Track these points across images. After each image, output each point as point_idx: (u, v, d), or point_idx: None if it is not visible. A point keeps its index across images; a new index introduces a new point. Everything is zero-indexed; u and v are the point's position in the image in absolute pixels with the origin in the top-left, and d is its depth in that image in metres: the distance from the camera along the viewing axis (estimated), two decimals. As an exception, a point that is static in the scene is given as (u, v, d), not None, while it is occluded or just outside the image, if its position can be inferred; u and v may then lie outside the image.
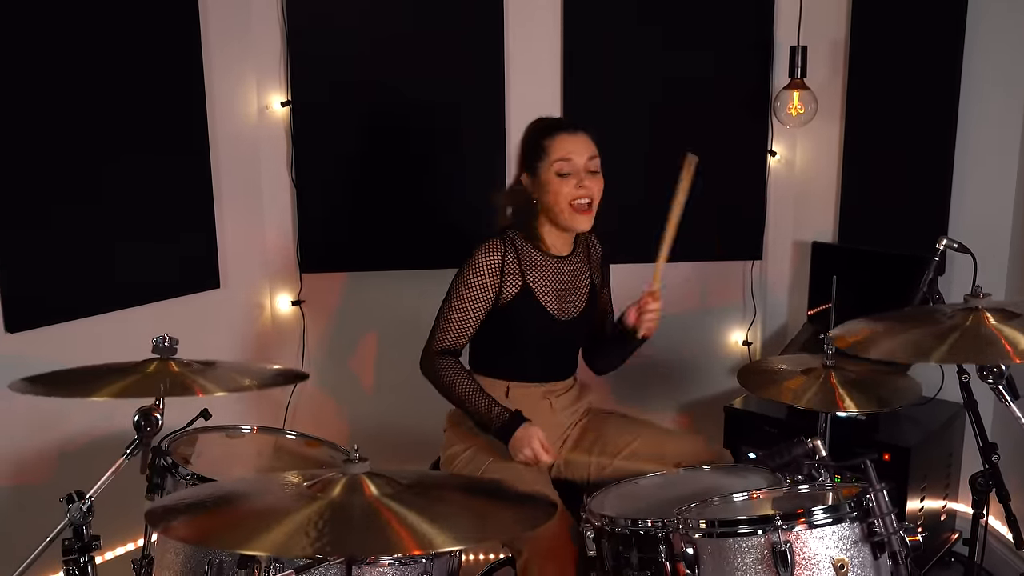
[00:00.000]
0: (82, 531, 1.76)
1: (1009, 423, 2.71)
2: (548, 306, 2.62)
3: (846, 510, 1.84)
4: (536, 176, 2.59)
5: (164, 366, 1.98)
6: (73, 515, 1.73)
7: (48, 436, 3.00)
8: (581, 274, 2.71)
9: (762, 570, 1.81)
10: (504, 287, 2.59)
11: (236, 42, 3.30)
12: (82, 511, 1.73)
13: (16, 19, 2.77)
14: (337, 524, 1.56)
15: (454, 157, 3.49)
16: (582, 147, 2.57)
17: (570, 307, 2.67)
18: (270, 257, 3.50)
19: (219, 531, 1.54)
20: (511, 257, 2.59)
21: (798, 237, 3.68)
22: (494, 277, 2.57)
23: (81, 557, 1.77)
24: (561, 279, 2.66)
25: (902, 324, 2.08)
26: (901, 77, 3.35)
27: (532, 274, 2.61)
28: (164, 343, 1.97)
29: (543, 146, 2.58)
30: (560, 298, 2.65)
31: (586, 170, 2.57)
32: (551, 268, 2.65)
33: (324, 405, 3.56)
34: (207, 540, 1.57)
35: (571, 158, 2.55)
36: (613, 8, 3.47)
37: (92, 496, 1.77)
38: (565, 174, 2.55)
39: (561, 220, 2.60)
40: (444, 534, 1.55)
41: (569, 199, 2.56)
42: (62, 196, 2.93)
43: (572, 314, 2.67)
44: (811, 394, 2.29)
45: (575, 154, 2.56)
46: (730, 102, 3.55)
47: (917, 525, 2.39)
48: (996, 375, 1.93)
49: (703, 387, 3.77)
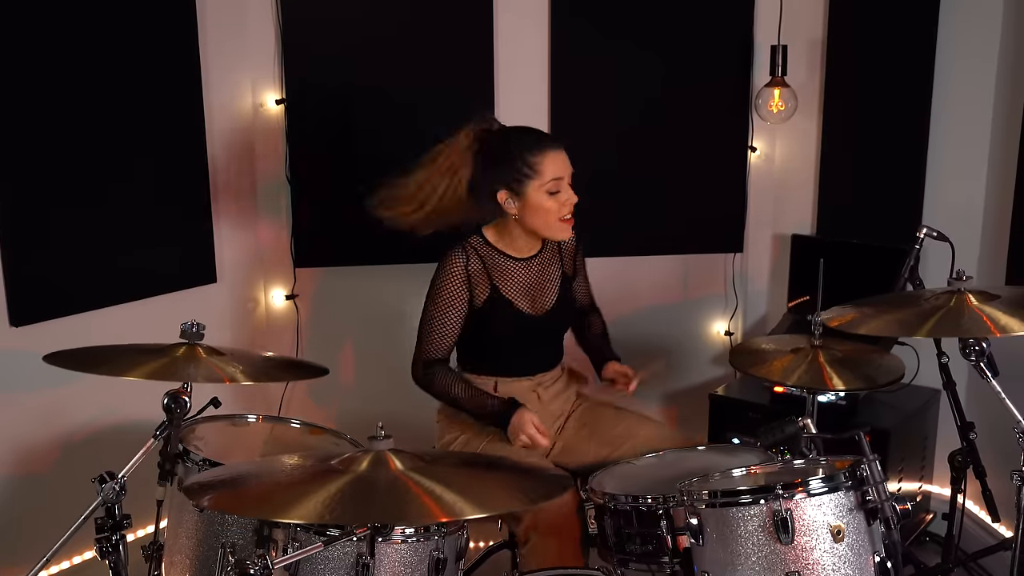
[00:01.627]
0: (114, 510, 1.82)
1: (983, 405, 2.85)
2: (520, 306, 2.68)
3: (841, 479, 1.94)
4: (522, 195, 2.58)
5: (192, 351, 2.04)
6: (107, 494, 1.79)
7: (52, 428, 3.05)
8: (549, 268, 2.76)
9: (764, 537, 1.91)
10: (474, 293, 2.64)
11: (232, 41, 3.35)
12: (115, 490, 1.79)
13: (20, 21, 2.82)
14: (365, 495, 1.65)
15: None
16: (566, 162, 2.60)
17: (542, 303, 2.72)
18: (265, 252, 3.56)
19: (255, 502, 1.62)
20: (475, 265, 2.64)
21: (778, 230, 3.79)
22: (461, 286, 2.62)
23: (113, 535, 1.83)
24: (529, 278, 2.71)
25: (888, 306, 2.20)
26: (876, 75, 3.45)
27: (499, 278, 2.67)
28: (192, 328, 2.04)
29: (532, 165, 2.56)
30: (531, 296, 2.71)
31: (568, 184, 2.61)
32: (518, 270, 2.70)
33: (316, 397, 3.61)
34: (245, 510, 1.65)
35: (563, 176, 2.58)
36: (599, 11, 3.56)
37: (124, 476, 1.83)
38: (555, 192, 2.58)
39: (547, 233, 2.65)
40: (470, 503, 1.64)
41: (559, 216, 2.60)
42: (63, 193, 2.97)
43: (545, 308, 2.72)
44: (800, 372, 2.39)
45: (564, 172, 2.59)
46: (712, 100, 3.65)
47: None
48: (978, 353, 2.04)
49: (687, 376, 3.87)
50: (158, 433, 1.90)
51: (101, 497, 1.80)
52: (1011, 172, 3.10)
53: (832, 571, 1.90)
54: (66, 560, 3.09)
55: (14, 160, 2.84)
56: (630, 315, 3.62)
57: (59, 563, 3.08)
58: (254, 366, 2.12)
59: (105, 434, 3.13)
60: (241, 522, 2.29)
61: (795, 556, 1.90)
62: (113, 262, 3.11)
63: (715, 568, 1.96)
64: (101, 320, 3.05)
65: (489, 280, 2.65)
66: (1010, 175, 3.11)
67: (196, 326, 2.05)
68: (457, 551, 2.17)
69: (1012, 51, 3.15)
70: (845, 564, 1.91)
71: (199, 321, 2.14)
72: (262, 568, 1.65)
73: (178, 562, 2.41)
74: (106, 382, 2.99)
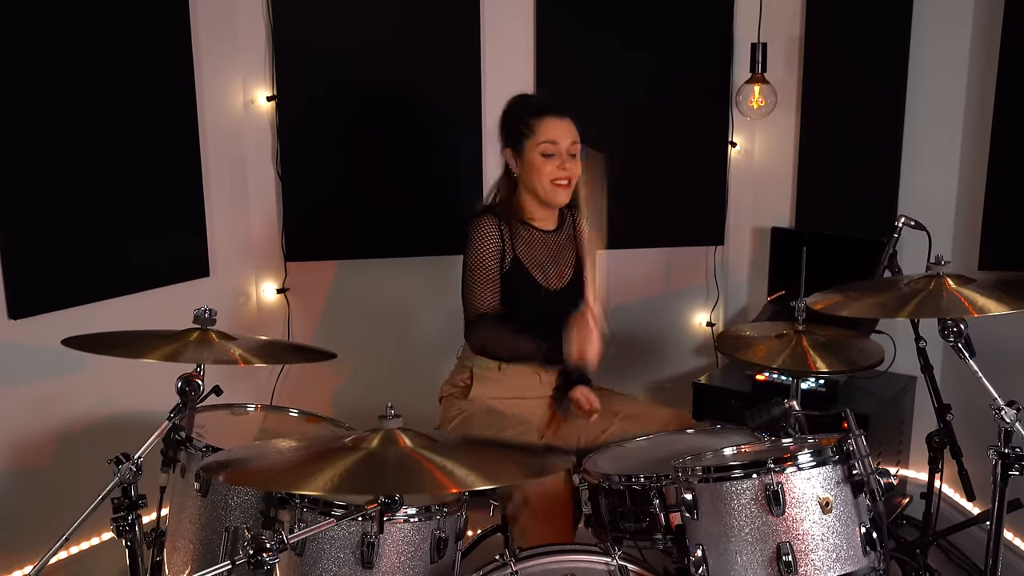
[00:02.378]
0: (130, 490, 1.87)
1: (958, 389, 2.94)
2: (537, 276, 2.78)
3: (829, 454, 2.02)
4: (520, 153, 2.74)
5: (204, 336, 2.10)
6: (123, 475, 1.84)
7: (49, 420, 3.09)
8: (567, 248, 2.87)
9: (756, 509, 1.99)
10: (503, 256, 2.75)
11: (223, 40, 3.41)
12: (132, 471, 1.84)
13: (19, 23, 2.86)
14: (377, 469, 1.72)
15: (432, 149, 3.63)
16: (567, 131, 2.73)
17: (558, 278, 2.82)
18: (256, 247, 3.62)
19: (273, 476, 1.69)
20: (504, 229, 2.75)
21: (757, 223, 3.89)
22: (497, 244, 2.73)
23: (129, 515, 1.88)
24: (548, 251, 2.82)
25: (870, 291, 2.29)
26: (852, 71, 3.56)
27: (521, 247, 2.77)
28: (205, 314, 2.10)
29: (530, 125, 2.73)
30: (547, 269, 2.81)
31: (568, 153, 2.73)
32: (538, 240, 2.80)
33: (308, 390, 3.66)
34: (264, 484, 1.71)
35: (557, 141, 2.71)
36: (584, 9, 3.64)
37: (140, 457, 1.88)
38: (549, 155, 2.71)
39: (540, 194, 2.76)
40: (478, 476, 1.71)
41: (551, 177, 2.72)
42: (60, 188, 3.02)
43: (560, 285, 2.82)
44: (784, 356, 2.47)
45: (560, 138, 2.72)
46: (693, 96, 3.75)
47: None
48: (956, 334, 2.11)
49: (670, 365, 3.97)
50: (172, 415, 1.95)
51: (118, 477, 1.84)
52: (982, 163, 3.22)
53: (821, 541, 1.98)
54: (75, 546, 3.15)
55: (11, 156, 2.88)
56: (615, 307, 3.70)
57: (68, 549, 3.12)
58: (264, 350, 2.18)
59: (102, 425, 3.17)
60: (244, 506, 2.33)
61: (786, 527, 1.98)
62: (109, 256, 3.16)
63: (709, 541, 2.03)
64: (97, 313, 3.09)
65: (513, 248, 2.75)
66: (981, 166, 3.22)
67: (209, 312, 2.11)
68: (457, 531, 2.24)
69: (983, 47, 3.26)
70: (833, 534, 1.99)
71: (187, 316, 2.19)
72: (277, 543, 1.71)
73: (181, 547, 2.44)
74: (101, 374, 3.07)
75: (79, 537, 3.09)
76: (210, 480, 2.33)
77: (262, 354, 2.14)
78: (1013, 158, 3.12)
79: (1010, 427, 2.03)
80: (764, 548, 1.98)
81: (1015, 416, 2.03)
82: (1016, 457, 2.04)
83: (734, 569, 2.01)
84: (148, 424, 2.07)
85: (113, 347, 2.05)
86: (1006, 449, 2.05)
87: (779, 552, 1.96)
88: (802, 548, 1.97)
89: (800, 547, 1.97)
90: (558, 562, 2.04)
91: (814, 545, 1.98)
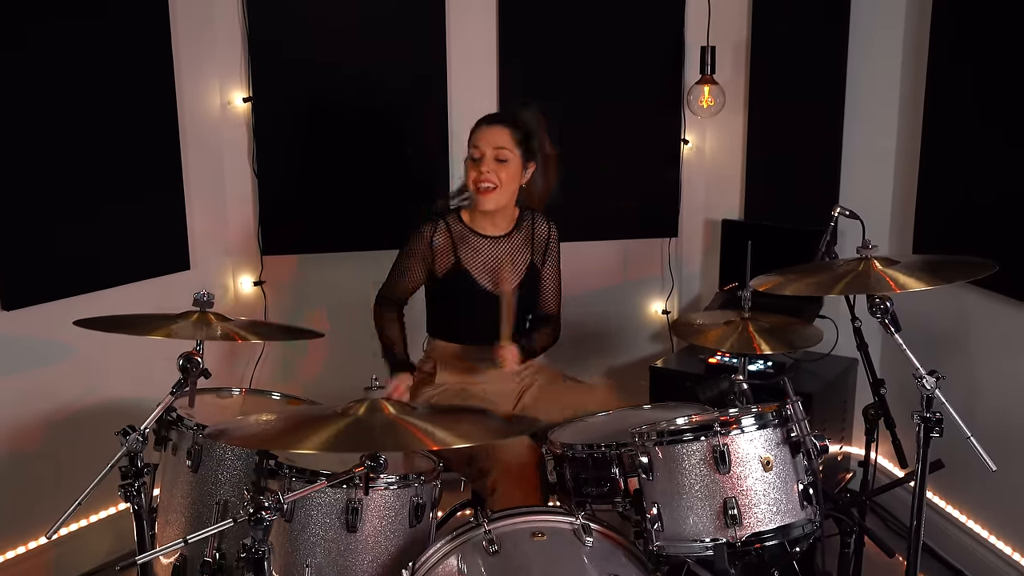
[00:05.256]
0: (136, 459, 2.03)
1: (894, 366, 3.17)
2: (481, 281, 2.96)
3: (769, 418, 2.24)
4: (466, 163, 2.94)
5: (204, 317, 2.27)
6: (131, 445, 2.00)
7: (36, 408, 3.23)
8: (519, 252, 3.04)
9: (705, 469, 2.20)
10: (436, 262, 2.94)
11: (201, 44, 3.57)
12: (139, 441, 2.00)
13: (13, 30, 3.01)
14: (365, 432, 1.93)
15: (401, 147, 3.81)
16: (491, 137, 2.88)
17: (505, 281, 2.97)
18: (233, 241, 3.77)
19: (272, 438, 1.88)
20: (442, 238, 2.94)
21: (709, 215, 4.09)
22: (424, 252, 2.95)
23: (136, 481, 2.04)
24: (495, 256, 2.99)
25: (807, 273, 2.52)
26: (795, 73, 3.76)
27: (465, 252, 2.96)
28: (204, 298, 2.26)
29: (470, 135, 2.93)
30: (494, 274, 2.98)
31: (494, 158, 2.88)
32: (484, 247, 2.98)
33: (283, 378, 3.83)
34: (264, 444, 1.90)
35: (479, 146, 2.88)
36: (544, 9, 3.84)
37: (145, 428, 2.04)
38: (475, 159, 2.89)
39: (474, 200, 2.94)
40: (454, 436, 1.91)
41: (473, 182, 2.89)
42: (48, 188, 3.16)
43: (507, 288, 2.96)
44: (732, 340, 2.65)
45: (483, 143, 2.88)
46: (647, 96, 3.95)
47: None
48: (883, 311, 2.32)
49: (628, 351, 4.16)
50: (175, 390, 2.11)
51: (125, 447, 2.00)
52: (915, 157, 3.45)
53: (763, 496, 2.20)
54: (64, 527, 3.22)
55: (2, 158, 3.01)
56: (575, 297, 3.86)
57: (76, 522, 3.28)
58: (257, 329, 2.36)
59: (85, 413, 3.32)
60: (233, 480, 2.51)
61: (731, 484, 2.19)
62: (94, 250, 3.30)
63: (664, 499, 2.24)
64: (84, 304, 3.20)
65: (454, 253, 2.93)
66: (914, 160, 3.46)
67: (207, 295, 2.28)
68: (433, 500, 2.43)
69: (913, 51, 3.49)
70: (774, 490, 2.21)
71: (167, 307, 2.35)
72: (274, 502, 1.89)
73: (173, 520, 2.60)
74: (85, 365, 3.23)
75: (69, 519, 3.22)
76: (201, 456, 2.51)
77: (255, 332, 2.32)
78: (941, 153, 3.35)
79: (930, 393, 2.24)
80: (712, 503, 2.20)
81: (935, 383, 2.24)
82: (936, 421, 2.26)
83: (686, 524, 2.22)
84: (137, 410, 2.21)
85: (122, 327, 2.22)
86: (927, 414, 2.27)
87: (726, 506, 2.18)
88: (746, 503, 2.19)
89: (744, 502, 2.19)
90: (527, 522, 2.20)
91: (757, 500, 2.19)
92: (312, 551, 2.25)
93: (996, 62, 3.05)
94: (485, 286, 2.96)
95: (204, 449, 2.50)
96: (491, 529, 2.15)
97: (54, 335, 3.19)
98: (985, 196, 3.12)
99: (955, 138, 3.27)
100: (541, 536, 2.16)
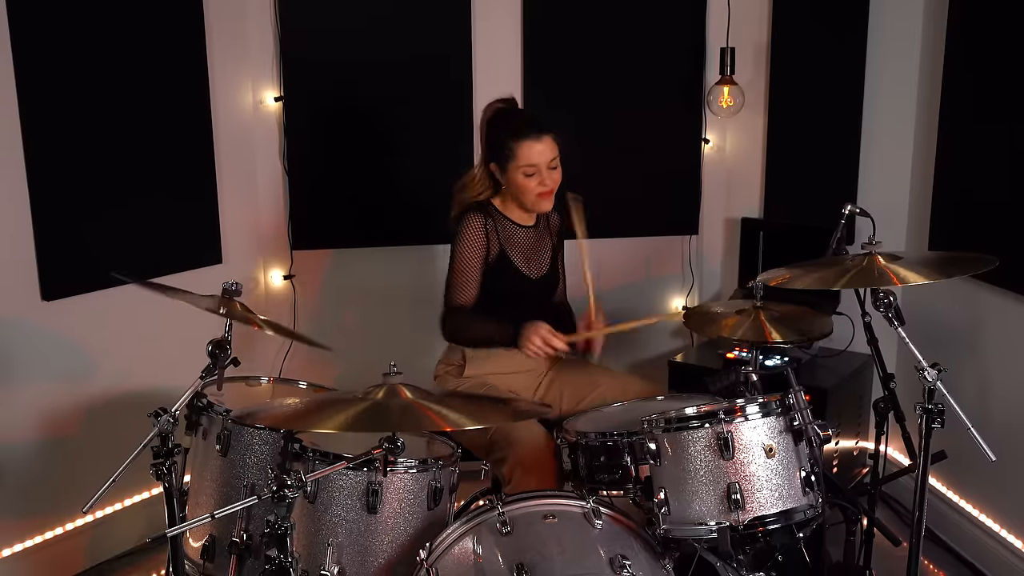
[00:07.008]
0: (167, 439, 2.14)
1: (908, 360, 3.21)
2: (520, 267, 3.06)
3: (773, 407, 2.32)
4: (504, 171, 2.97)
5: (230, 303, 2.38)
6: (162, 425, 2.11)
7: (76, 395, 3.36)
8: (544, 240, 3.15)
9: (710, 455, 2.28)
10: (489, 250, 3.00)
11: (234, 45, 3.69)
12: (170, 422, 2.11)
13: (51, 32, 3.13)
14: (384, 414, 2.02)
15: (427, 143, 3.90)
16: (545, 152, 2.94)
17: (538, 267, 3.10)
18: (264, 236, 3.89)
19: (297, 418, 1.98)
20: (491, 225, 3.02)
21: (729, 214, 4.15)
22: (482, 242, 2.98)
23: (167, 460, 2.15)
24: (528, 244, 3.09)
25: (815, 267, 2.59)
26: (815, 74, 3.81)
27: (506, 241, 3.04)
28: (232, 287, 2.37)
29: (511, 149, 2.91)
30: (529, 260, 3.09)
31: (548, 167, 2.95)
32: (520, 236, 3.08)
33: (311, 371, 3.87)
34: (289, 424, 2.00)
35: (536, 162, 2.93)
36: (569, 12, 3.92)
37: (176, 410, 2.15)
38: (530, 175, 2.95)
39: (527, 206, 3.02)
40: (468, 418, 2.01)
41: (535, 193, 2.97)
42: (89, 184, 3.30)
43: (540, 273, 3.10)
44: (744, 328, 2.72)
45: (539, 160, 2.93)
46: (669, 96, 4.02)
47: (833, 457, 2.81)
48: (887, 304, 2.39)
49: (649, 347, 4.23)
50: (203, 375, 2.21)
51: (157, 428, 2.11)
52: (931, 157, 3.50)
53: (766, 482, 2.27)
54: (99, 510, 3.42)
55: (42, 153, 3.14)
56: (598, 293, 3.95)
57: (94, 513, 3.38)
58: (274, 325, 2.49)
59: (120, 401, 3.45)
60: (260, 463, 2.60)
61: (735, 470, 2.27)
62: (131, 244, 3.43)
63: (671, 483, 2.32)
64: (120, 296, 3.33)
65: (499, 241, 3.01)
66: (930, 159, 3.50)
67: (235, 284, 2.38)
68: (451, 485, 2.52)
69: (931, 53, 3.54)
70: (776, 476, 2.28)
71: None
72: (297, 481, 1.99)
73: (203, 502, 2.70)
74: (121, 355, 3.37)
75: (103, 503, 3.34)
76: (230, 441, 2.61)
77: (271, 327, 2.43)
78: (956, 152, 3.39)
79: (932, 385, 2.30)
80: (717, 488, 2.28)
81: (936, 375, 2.30)
82: (937, 412, 2.33)
83: (692, 508, 2.30)
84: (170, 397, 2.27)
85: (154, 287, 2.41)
86: (929, 405, 2.33)
87: (729, 491, 2.26)
88: (749, 488, 2.26)
89: (747, 487, 2.26)
90: (539, 505, 2.30)
91: (760, 485, 2.27)
92: (334, 531, 2.34)
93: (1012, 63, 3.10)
94: (527, 273, 3.06)
95: (233, 434, 2.59)
96: (504, 511, 2.24)
97: (91, 325, 3.33)
98: (999, 194, 3.17)
99: (970, 138, 3.32)
100: (552, 519, 2.24)
